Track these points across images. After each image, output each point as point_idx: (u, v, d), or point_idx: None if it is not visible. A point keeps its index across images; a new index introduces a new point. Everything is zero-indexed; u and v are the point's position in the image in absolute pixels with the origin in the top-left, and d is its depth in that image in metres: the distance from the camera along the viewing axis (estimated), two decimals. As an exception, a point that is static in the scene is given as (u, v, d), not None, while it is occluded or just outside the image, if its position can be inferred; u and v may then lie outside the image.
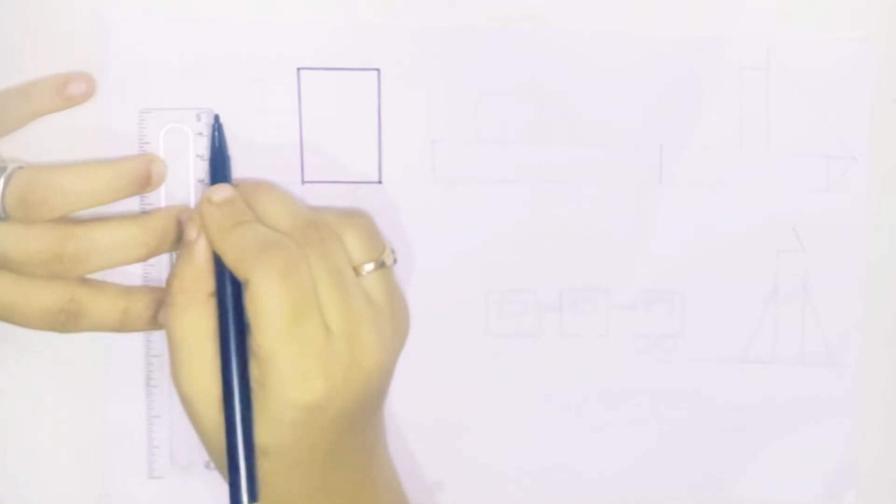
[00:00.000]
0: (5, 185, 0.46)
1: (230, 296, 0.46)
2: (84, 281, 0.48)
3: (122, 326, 0.49)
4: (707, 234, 0.53)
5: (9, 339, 0.51)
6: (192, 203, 0.50)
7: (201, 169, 0.50)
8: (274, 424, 0.46)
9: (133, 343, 0.51)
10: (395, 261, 0.50)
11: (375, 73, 0.50)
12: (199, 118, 0.50)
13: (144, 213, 0.49)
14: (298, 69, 0.50)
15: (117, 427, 0.52)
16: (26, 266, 0.46)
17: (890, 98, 0.53)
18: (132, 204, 0.49)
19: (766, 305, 0.54)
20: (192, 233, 0.47)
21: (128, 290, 0.49)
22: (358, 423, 0.48)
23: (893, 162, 0.53)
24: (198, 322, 0.46)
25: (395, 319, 0.49)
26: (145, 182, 0.49)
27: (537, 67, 0.51)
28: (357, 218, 0.49)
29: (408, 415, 0.54)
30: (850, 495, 0.56)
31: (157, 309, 0.48)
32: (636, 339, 0.54)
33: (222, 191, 0.48)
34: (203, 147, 0.49)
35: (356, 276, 0.48)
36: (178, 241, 0.48)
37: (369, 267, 0.48)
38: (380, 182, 0.52)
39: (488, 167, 0.52)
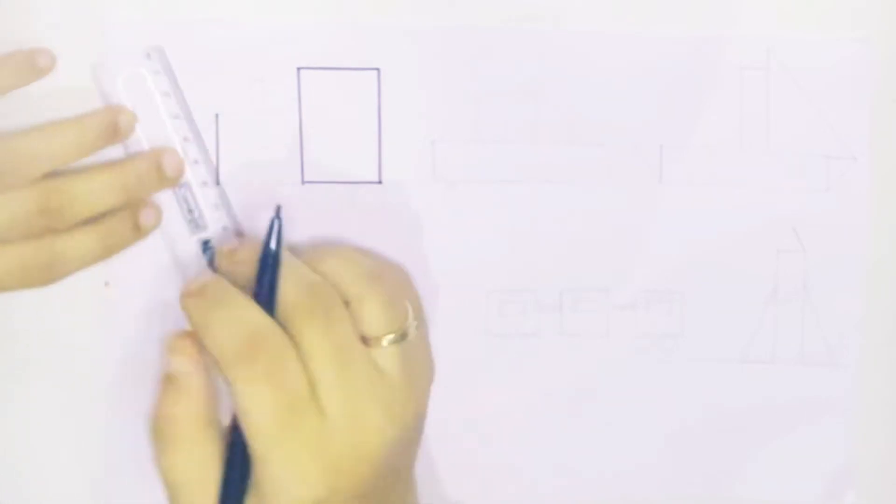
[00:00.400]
0: None
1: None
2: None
3: (107, 251, 0.48)
4: (707, 234, 0.53)
5: (8, 338, 0.51)
6: (172, 140, 0.49)
7: (172, 104, 0.49)
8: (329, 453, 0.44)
9: (133, 343, 0.52)
10: (416, 326, 0.48)
11: (375, 72, 0.50)
12: (149, 56, 0.49)
13: (123, 159, 0.49)
14: (298, 69, 0.50)
15: (117, 427, 0.52)
16: (13, 230, 0.45)
17: (890, 98, 0.53)
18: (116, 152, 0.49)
19: (766, 305, 0.54)
20: (181, 365, 0.45)
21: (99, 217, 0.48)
22: (380, 491, 0.46)
23: (893, 162, 0.53)
24: (197, 458, 0.45)
25: (411, 388, 0.47)
26: (113, 132, 0.48)
27: (537, 67, 0.51)
28: (381, 283, 0.46)
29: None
30: (850, 495, 0.56)
31: (135, 219, 0.48)
32: (636, 339, 0.54)
33: (199, 279, 0.46)
34: (164, 84, 0.49)
35: (367, 348, 0.46)
36: (162, 182, 0.48)
37: (390, 338, 0.46)
38: (380, 182, 0.52)
39: (488, 167, 0.52)
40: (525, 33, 0.51)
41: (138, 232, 0.48)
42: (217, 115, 0.50)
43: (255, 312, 0.44)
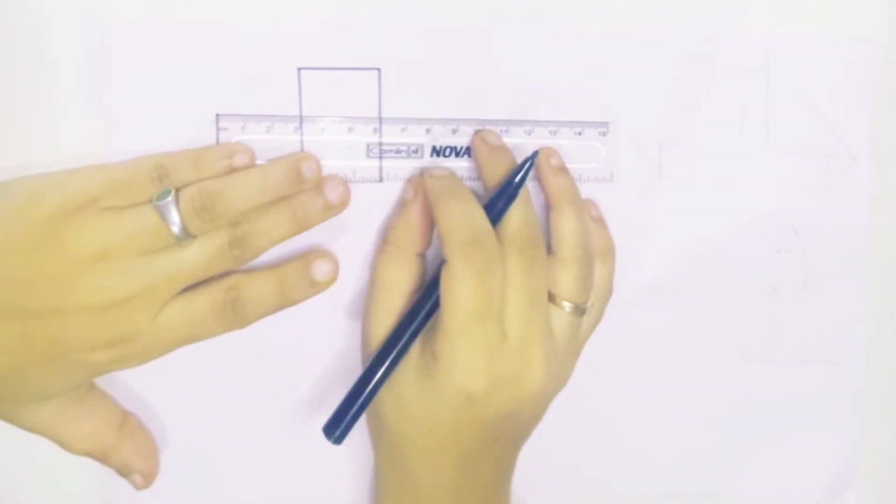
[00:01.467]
0: (177, 204, 0.47)
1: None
2: (234, 271, 0.49)
3: (284, 300, 0.50)
4: (707, 233, 0.53)
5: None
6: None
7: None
8: (436, 399, 0.47)
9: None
10: (586, 312, 0.50)
11: (376, 72, 0.50)
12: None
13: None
14: (299, 69, 0.50)
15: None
16: (209, 269, 0.48)
17: (890, 98, 0.53)
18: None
19: (766, 304, 0.54)
20: (409, 192, 0.51)
21: (275, 266, 0.50)
22: (502, 441, 0.50)
23: (893, 161, 0.53)
24: (400, 274, 0.50)
25: (564, 362, 0.50)
26: (297, 179, 0.49)
27: (537, 66, 0.51)
28: (579, 262, 0.50)
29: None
30: (849, 495, 0.56)
31: (308, 274, 0.50)
32: (636, 337, 0.54)
33: (440, 169, 0.51)
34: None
35: (550, 304, 0.49)
36: (327, 210, 0.50)
37: (568, 306, 0.49)
38: (380, 181, 0.52)
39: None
40: (525, 33, 0.51)
41: (315, 287, 0.51)
42: (217, 116, 0.50)
43: (483, 217, 0.48)
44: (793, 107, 0.52)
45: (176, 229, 0.47)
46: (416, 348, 0.49)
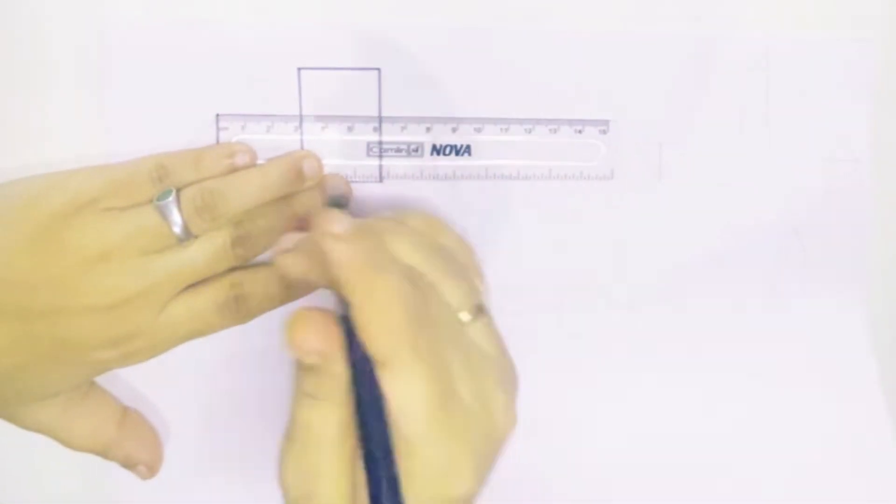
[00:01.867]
0: (178, 204, 0.47)
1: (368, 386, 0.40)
2: (237, 267, 0.49)
3: (288, 295, 0.49)
4: (707, 234, 0.53)
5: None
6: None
7: None
8: None
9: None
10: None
11: (376, 72, 0.50)
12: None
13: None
14: (299, 69, 0.50)
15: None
16: (212, 267, 0.48)
17: (890, 98, 0.53)
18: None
19: (766, 305, 0.54)
20: (312, 359, 0.40)
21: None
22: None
23: (894, 161, 0.53)
24: (341, 419, 0.40)
25: (506, 364, 0.45)
26: (298, 177, 0.49)
27: (537, 67, 0.51)
28: (447, 266, 0.44)
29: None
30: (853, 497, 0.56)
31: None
32: (635, 338, 0.54)
33: (342, 220, 0.41)
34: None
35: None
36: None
37: (467, 317, 0.43)
38: (381, 181, 0.52)
39: (488, 165, 0.52)
40: (525, 33, 0.51)
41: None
42: (217, 116, 0.50)
43: (413, 283, 0.40)
44: (793, 107, 0.52)
45: (177, 229, 0.47)
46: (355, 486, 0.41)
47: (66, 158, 0.49)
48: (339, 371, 0.40)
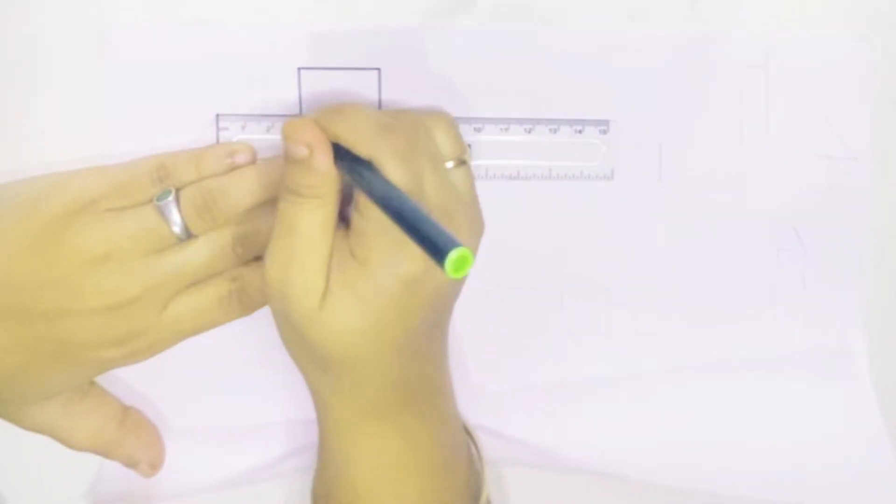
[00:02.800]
0: (178, 203, 0.47)
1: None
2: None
3: None
4: (706, 233, 0.53)
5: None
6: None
7: None
8: (379, 300, 0.45)
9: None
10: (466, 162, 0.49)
11: (376, 72, 0.50)
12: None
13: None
14: (299, 69, 0.50)
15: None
16: (213, 266, 0.48)
17: (890, 98, 0.53)
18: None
19: (766, 304, 0.54)
20: (301, 151, 0.45)
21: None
22: (444, 311, 0.49)
23: (894, 162, 0.53)
24: (322, 218, 0.46)
25: (476, 214, 0.49)
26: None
27: (537, 67, 0.51)
28: (441, 116, 0.49)
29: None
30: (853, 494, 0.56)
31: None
32: (636, 337, 0.54)
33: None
34: None
35: None
36: None
37: (451, 164, 0.48)
38: (380, 181, 0.52)
39: (489, 166, 0.52)
40: (525, 33, 0.51)
41: None
42: (217, 115, 0.50)
43: (383, 113, 0.47)
44: (793, 106, 0.52)
45: (177, 229, 0.47)
46: (331, 267, 0.46)
47: (66, 158, 0.49)
48: (323, 169, 0.45)
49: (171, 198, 0.47)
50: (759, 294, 0.54)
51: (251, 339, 0.52)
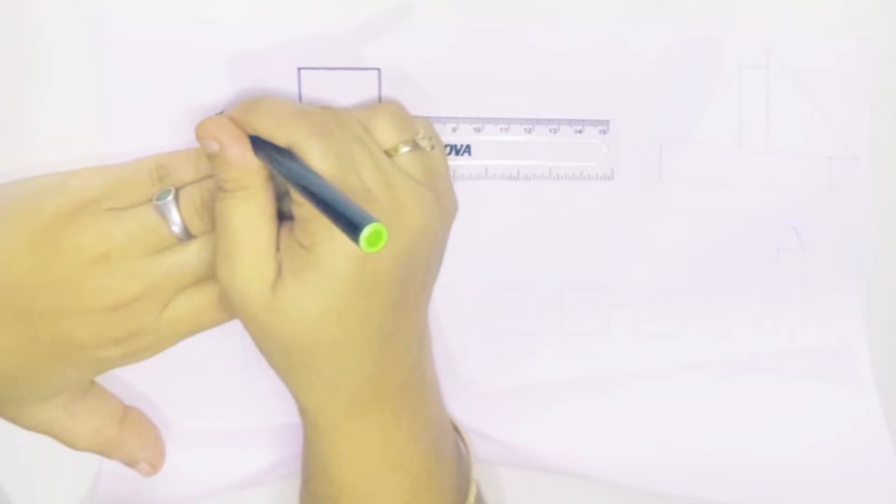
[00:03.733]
0: (177, 203, 0.47)
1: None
2: None
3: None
4: (707, 233, 0.53)
5: None
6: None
7: None
8: (330, 281, 0.45)
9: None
10: (433, 146, 0.49)
11: (376, 72, 0.50)
12: None
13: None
14: (299, 69, 0.50)
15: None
16: (212, 270, 0.47)
17: (890, 98, 0.53)
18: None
19: (766, 304, 0.54)
20: (212, 146, 0.46)
21: None
22: (411, 294, 0.48)
23: (894, 162, 0.53)
24: (254, 209, 0.46)
25: (437, 194, 0.48)
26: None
27: (536, 67, 0.51)
28: (383, 105, 0.49)
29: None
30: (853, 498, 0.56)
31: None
32: (636, 338, 0.54)
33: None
34: None
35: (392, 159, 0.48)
36: None
37: (405, 149, 0.48)
38: (380, 181, 0.52)
39: (488, 166, 0.52)
40: (525, 33, 0.51)
41: None
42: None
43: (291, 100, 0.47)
44: (793, 106, 0.52)
45: (177, 229, 0.47)
46: (279, 258, 0.46)
47: (66, 158, 0.49)
48: (238, 160, 0.45)
49: (170, 197, 0.47)
50: (759, 294, 0.54)
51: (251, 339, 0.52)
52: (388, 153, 0.48)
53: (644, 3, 0.51)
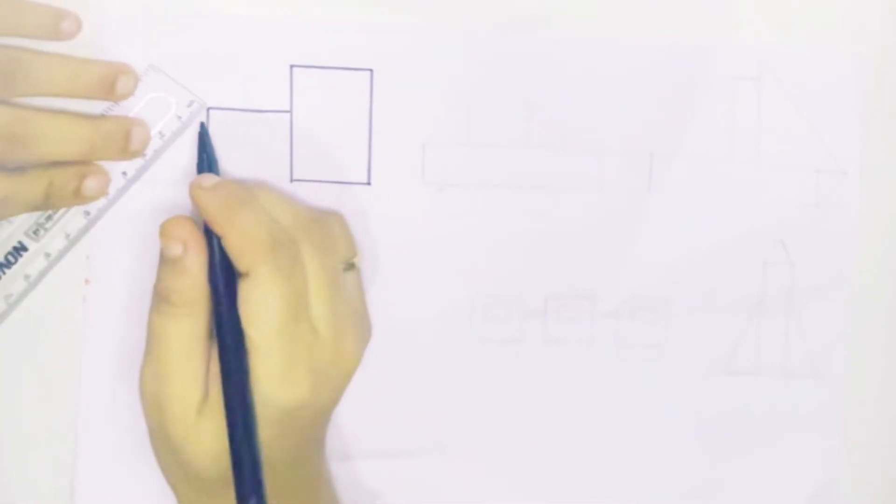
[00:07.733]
0: None
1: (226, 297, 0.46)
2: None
3: (46, 203, 0.48)
4: (694, 244, 0.53)
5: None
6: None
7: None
8: (261, 422, 0.46)
9: (114, 339, 0.51)
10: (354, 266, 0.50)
11: (368, 73, 0.50)
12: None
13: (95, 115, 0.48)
14: (291, 66, 0.50)
15: (99, 421, 0.52)
16: None
17: (881, 113, 0.53)
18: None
19: (751, 316, 0.54)
20: (176, 248, 0.46)
21: (50, 165, 0.47)
22: (324, 424, 0.49)
23: (883, 177, 0.54)
24: (192, 329, 0.46)
25: (364, 320, 0.50)
26: (109, 88, 0.48)
27: (529, 73, 0.51)
28: (337, 217, 0.50)
29: (389, 417, 0.53)
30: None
31: (80, 182, 0.47)
32: (620, 347, 0.54)
33: (211, 178, 0.47)
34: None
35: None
36: (124, 152, 0.48)
37: (341, 267, 0.49)
38: (368, 184, 0.51)
39: (478, 172, 0.52)
40: (518, 38, 0.51)
41: (78, 197, 0.48)
42: (208, 111, 0.49)
43: (272, 216, 0.46)
44: (784, 119, 0.53)
45: None
46: (208, 382, 0.47)
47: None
48: (195, 271, 0.45)
49: None
50: (745, 306, 0.54)
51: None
52: None
53: (637, 14, 0.51)
